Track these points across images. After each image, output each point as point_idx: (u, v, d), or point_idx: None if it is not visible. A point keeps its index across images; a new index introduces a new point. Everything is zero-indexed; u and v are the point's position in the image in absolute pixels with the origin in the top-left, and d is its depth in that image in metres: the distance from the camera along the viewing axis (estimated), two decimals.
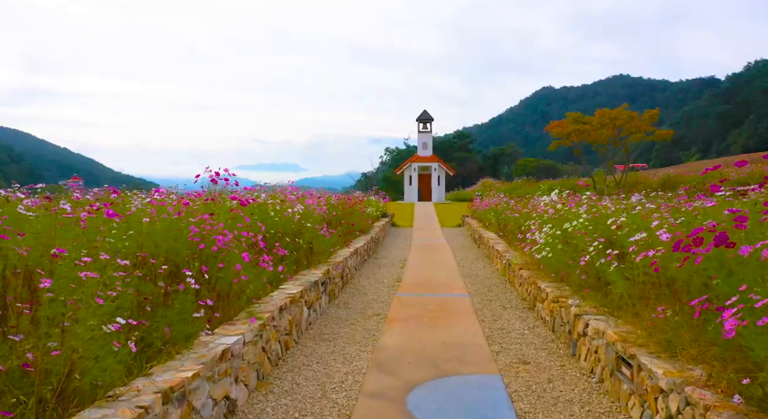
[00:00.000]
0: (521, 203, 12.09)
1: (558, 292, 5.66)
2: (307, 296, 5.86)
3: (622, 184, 27.80)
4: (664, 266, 3.58)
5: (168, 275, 3.91)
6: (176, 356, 3.19)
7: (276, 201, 7.09)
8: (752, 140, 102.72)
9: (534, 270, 7.24)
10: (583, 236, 5.37)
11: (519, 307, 6.97)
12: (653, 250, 3.62)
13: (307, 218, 7.79)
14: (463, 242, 15.38)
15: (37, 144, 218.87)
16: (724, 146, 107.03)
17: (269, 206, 6.80)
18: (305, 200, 8.27)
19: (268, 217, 6.54)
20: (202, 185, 5.75)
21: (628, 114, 27.26)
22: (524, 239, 7.57)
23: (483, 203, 16.49)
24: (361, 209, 13.53)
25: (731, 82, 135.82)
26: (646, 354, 3.29)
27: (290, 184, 10.65)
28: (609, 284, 4.83)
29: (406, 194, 37.47)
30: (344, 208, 12.57)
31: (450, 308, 6.82)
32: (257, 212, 6.51)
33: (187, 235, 4.22)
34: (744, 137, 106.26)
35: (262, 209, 6.59)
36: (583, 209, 5.80)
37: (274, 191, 9.04)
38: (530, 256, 7.70)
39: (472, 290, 8.16)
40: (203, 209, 4.86)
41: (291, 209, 7.12)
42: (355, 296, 7.81)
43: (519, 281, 7.75)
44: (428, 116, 37.87)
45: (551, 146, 29.79)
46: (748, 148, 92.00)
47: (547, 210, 7.02)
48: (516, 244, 9.92)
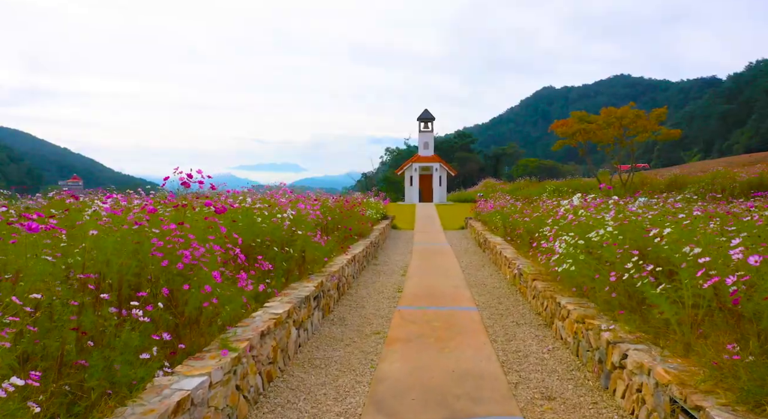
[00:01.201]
0: (530, 206, 11.37)
1: (582, 310, 4.96)
2: (296, 315, 5.15)
3: (628, 185, 27.08)
4: (748, 297, 2.85)
5: (122, 300, 3.21)
6: (112, 412, 2.47)
7: (264, 206, 6.38)
8: (755, 139, 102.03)
9: (550, 282, 6.53)
10: (612, 248, 4.67)
11: (534, 323, 6.26)
12: (733, 276, 2.88)
13: (300, 223, 7.08)
14: (467, 247, 14.66)
15: (37, 144, 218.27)
16: (726, 145, 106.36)
17: (256, 212, 6.09)
18: (298, 203, 7.56)
19: (254, 224, 5.84)
20: (181, 189, 5.06)
21: (634, 113, 26.54)
22: (538, 247, 6.86)
23: (488, 206, 15.77)
24: (360, 212, 12.83)
25: (733, 82, 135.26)
26: (717, 407, 2.58)
27: (283, 186, 9.94)
28: (646, 304, 4.13)
29: (407, 195, 36.75)
30: (342, 211, 11.86)
31: (458, 325, 6.11)
32: (242, 219, 5.82)
33: (149, 249, 3.52)
34: (746, 137, 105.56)
35: (247, 215, 5.89)
36: (609, 216, 5.08)
37: (264, 194, 8.33)
38: (545, 265, 7.00)
39: (480, 302, 7.45)
40: (174, 217, 4.16)
41: (281, 214, 6.41)
42: (352, 309, 7.10)
43: (532, 293, 7.04)
44: (429, 115, 37.12)
45: (555, 145, 29.07)
46: (751, 148, 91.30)
47: (565, 216, 6.30)
48: (526, 251, 9.21)
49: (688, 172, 42.34)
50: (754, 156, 56.05)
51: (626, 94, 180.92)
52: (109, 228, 3.59)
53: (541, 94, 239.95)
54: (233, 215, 5.58)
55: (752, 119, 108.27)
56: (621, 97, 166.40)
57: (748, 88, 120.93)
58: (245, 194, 7.34)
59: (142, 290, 3.30)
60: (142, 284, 3.46)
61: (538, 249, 6.95)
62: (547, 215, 8.27)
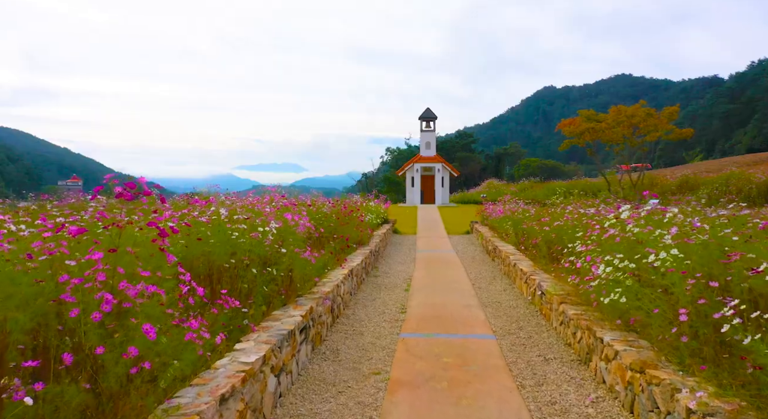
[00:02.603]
0: (547, 213, 10.31)
1: (635, 353, 3.92)
2: (276, 359, 4.11)
3: (638, 186, 26.01)
4: None
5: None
6: None
7: (242, 217, 5.34)
8: (757, 139, 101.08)
9: (583, 307, 5.50)
10: (680, 277, 3.63)
11: (565, 358, 5.22)
12: None
13: (287, 236, 6.04)
14: (474, 254, 13.62)
15: (37, 144, 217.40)
16: (728, 145, 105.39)
17: (232, 226, 5.05)
18: (285, 213, 6.52)
19: (227, 241, 4.80)
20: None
21: (645, 111, 25.48)
22: (572, 268, 5.80)
23: (497, 210, 14.72)
24: (359, 217, 11.79)
25: (735, 82, 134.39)
26: None
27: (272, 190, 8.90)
28: (731, 353, 3.10)
29: (409, 197, 35.66)
30: (339, 217, 10.83)
31: (474, 362, 5.07)
32: (214, 235, 4.79)
33: (51, 293, 2.50)
34: (749, 137, 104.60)
35: (220, 230, 4.85)
36: (671, 233, 4.03)
37: (246, 201, 7.28)
38: (573, 285, 5.97)
39: (497, 327, 6.42)
40: (107, 242, 3.12)
41: (263, 227, 5.37)
42: (349, 337, 6.06)
43: (559, 319, 6.00)
44: (431, 114, 36.03)
45: (562, 145, 27.99)
46: (754, 148, 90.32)
47: (605, 228, 5.25)
48: (546, 264, 8.17)
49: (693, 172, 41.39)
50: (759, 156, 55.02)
51: (627, 93, 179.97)
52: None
53: (542, 94, 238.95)
54: (200, 232, 4.55)
55: (755, 119, 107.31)
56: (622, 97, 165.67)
57: (750, 88, 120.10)
58: (221, 203, 6.27)
59: (38, 354, 2.27)
60: (45, 345, 2.43)
61: (571, 271, 5.89)
62: (575, 226, 7.21)
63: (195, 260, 4.53)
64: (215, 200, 6.19)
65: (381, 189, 54.14)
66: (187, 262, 4.44)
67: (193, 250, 4.43)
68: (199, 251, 4.46)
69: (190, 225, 4.16)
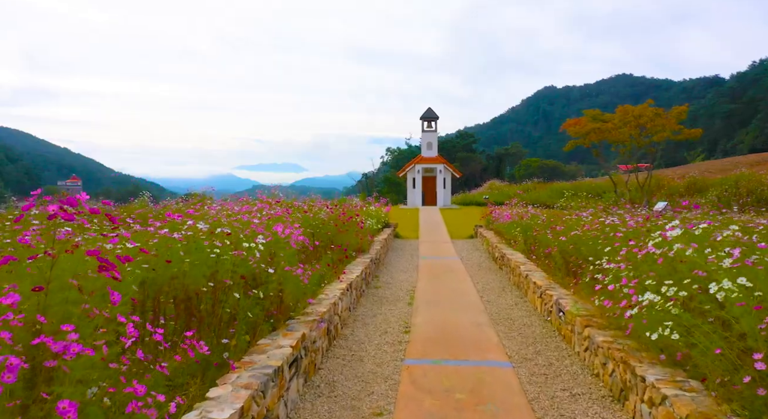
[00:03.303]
0: (560, 220, 9.62)
1: (691, 402, 3.23)
2: (258, 406, 3.43)
3: (645, 188, 25.31)
4: None
5: None
6: None
7: (225, 231, 4.66)
8: (759, 139, 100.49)
9: (613, 333, 4.82)
10: (750, 312, 2.96)
11: (594, 393, 4.54)
12: None
13: (278, 250, 5.37)
14: (479, 261, 12.95)
15: (37, 144, 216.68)
16: (730, 145, 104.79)
17: (211, 242, 4.37)
18: (277, 223, 5.84)
19: (205, 260, 4.13)
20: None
21: (653, 111, 24.78)
22: (597, 284, 5.12)
23: (504, 215, 14.02)
24: (359, 224, 11.12)
25: (736, 81, 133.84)
26: None
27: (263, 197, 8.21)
28: None
29: (410, 198, 34.95)
30: (338, 223, 10.15)
31: (492, 399, 4.39)
32: (190, 254, 4.12)
33: None
34: (751, 137, 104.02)
35: (197, 249, 4.18)
36: (734, 255, 3.35)
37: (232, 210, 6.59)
38: (599, 307, 5.30)
39: (512, 351, 5.74)
40: (38, 276, 2.45)
41: (248, 242, 4.70)
42: (347, 365, 5.38)
43: (583, 344, 5.33)
44: (433, 114, 35.30)
45: (567, 146, 27.29)
46: (756, 148, 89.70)
47: (640, 244, 4.57)
48: (562, 277, 7.50)
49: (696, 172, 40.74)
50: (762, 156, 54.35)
51: (628, 93, 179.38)
52: None
53: (542, 94, 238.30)
54: (168, 253, 3.87)
55: (757, 119, 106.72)
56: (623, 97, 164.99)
57: (752, 88, 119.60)
58: (202, 215, 5.57)
59: None
60: None
61: (592, 289, 5.21)
62: (595, 238, 6.51)
63: (165, 284, 3.86)
64: (193, 213, 5.49)
65: (381, 190, 53.47)
66: (155, 288, 3.77)
67: (163, 273, 3.76)
68: (168, 274, 3.79)
69: (147, 252, 3.47)
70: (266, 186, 27.17)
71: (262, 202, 7.75)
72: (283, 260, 5.22)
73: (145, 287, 3.61)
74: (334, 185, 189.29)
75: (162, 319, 3.51)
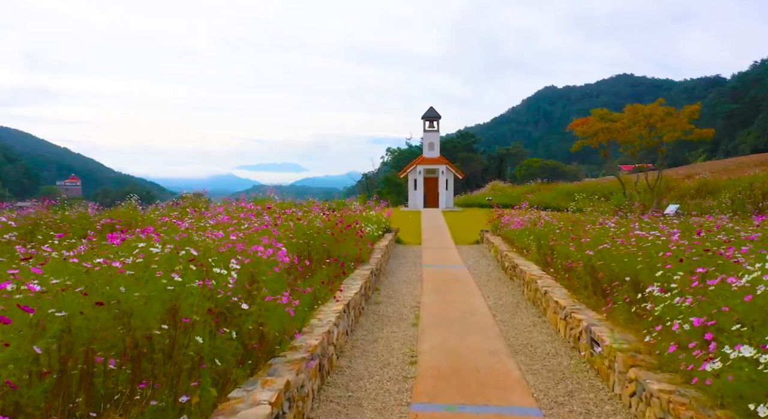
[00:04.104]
0: (581, 230, 8.68)
1: None
2: None
3: (656, 190, 24.36)
4: None
5: None
6: None
7: (191, 251, 3.74)
8: (762, 139, 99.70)
9: (670, 377, 3.90)
10: None
11: None
12: None
13: (260, 273, 4.46)
14: (488, 270, 12.03)
15: (37, 144, 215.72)
16: (732, 145, 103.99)
17: (169, 269, 3.45)
18: (262, 236, 4.92)
19: (158, 295, 3.22)
20: None
21: (664, 110, 23.85)
22: (649, 322, 4.19)
23: (515, 221, 13.08)
24: (358, 232, 10.19)
25: (738, 81, 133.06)
26: None
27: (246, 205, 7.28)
28: None
29: (411, 200, 33.97)
30: (335, 231, 9.24)
31: None
32: (145, 285, 3.20)
33: None
34: (753, 137, 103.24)
35: (147, 278, 3.26)
36: None
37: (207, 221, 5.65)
38: (643, 341, 4.39)
39: (539, 392, 4.83)
40: None
41: (219, 267, 3.78)
42: (342, 412, 4.45)
43: (628, 387, 4.40)
44: (435, 114, 34.31)
45: (574, 146, 26.33)
46: (758, 148, 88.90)
47: (708, 269, 3.65)
48: (588, 297, 6.58)
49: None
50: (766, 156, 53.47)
51: (629, 93, 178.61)
52: None
53: (543, 94, 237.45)
54: (113, 287, 2.96)
55: (759, 119, 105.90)
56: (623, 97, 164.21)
57: (754, 88, 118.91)
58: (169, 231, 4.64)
59: None
60: None
61: (647, 326, 4.28)
62: (633, 254, 5.58)
63: (102, 331, 2.94)
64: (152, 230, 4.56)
65: (381, 191, 52.55)
66: (86, 337, 2.85)
67: (95, 318, 2.85)
68: (105, 318, 2.88)
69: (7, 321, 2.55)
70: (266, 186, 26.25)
71: (247, 211, 6.78)
72: (266, 286, 4.31)
73: (68, 338, 2.69)
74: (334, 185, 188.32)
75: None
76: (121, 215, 14.65)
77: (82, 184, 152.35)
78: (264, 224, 6.30)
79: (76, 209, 14.38)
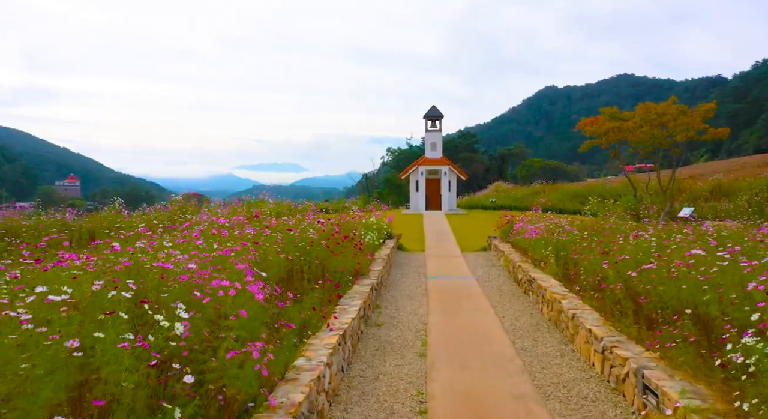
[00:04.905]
0: (613, 241, 7.60)
1: None
2: None
3: (668, 192, 23.30)
4: None
5: None
6: None
7: (126, 295, 2.71)
8: (765, 139, 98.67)
9: None
10: None
11: None
12: None
13: (225, 315, 3.41)
14: (499, 283, 10.98)
15: (36, 144, 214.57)
16: (734, 145, 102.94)
17: (79, 322, 2.40)
18: (237, 259, 3.87)
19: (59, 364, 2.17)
20: None
21: (677, 109, 22.75)
22: (745, 381, 3.13)
23: (529, 228, 12.01)
24: (357, 244, 9.14)
25: (740, 81, 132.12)
26: None
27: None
28: None
29: (413, 202, 32.85)
30: (330, 243, 8.20)
31: None
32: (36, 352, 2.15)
33: None
34: (756, 137, 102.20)
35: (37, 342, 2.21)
36: None
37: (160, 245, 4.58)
38: (721, 399, 3.35)
39: None
40: None
41: (169, 309, 2.73)
42: None
43: None
44: (437, 113, 33.19)
45: (583, 146, 25.22)
46: (761, 148, 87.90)
47: None
48: (629, 325, 5.51)
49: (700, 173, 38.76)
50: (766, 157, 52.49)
51: (630, 93, 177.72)
52: None
53: (543, 94, 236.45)
54: None
55: (761, 119, 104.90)
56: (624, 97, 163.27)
57: (756, 88, 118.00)
58: (105, 268, 3.56)
59: None
60: None
61: (737, 389, 3.22)
62: (691, 279, 4.51)
63: None
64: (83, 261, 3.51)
65: (382, 191, 51.50)
66: None
67: None
68: None
69: None
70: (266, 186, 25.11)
71: (220, 227, 5.68)
72: (234, 332, 3.26)
73: None
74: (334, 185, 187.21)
75: None
76: (103, 220, 13.62)
77: (82, 184, 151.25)
78: (244, 240, 5.23)
79: (52, 215, 13.31)
